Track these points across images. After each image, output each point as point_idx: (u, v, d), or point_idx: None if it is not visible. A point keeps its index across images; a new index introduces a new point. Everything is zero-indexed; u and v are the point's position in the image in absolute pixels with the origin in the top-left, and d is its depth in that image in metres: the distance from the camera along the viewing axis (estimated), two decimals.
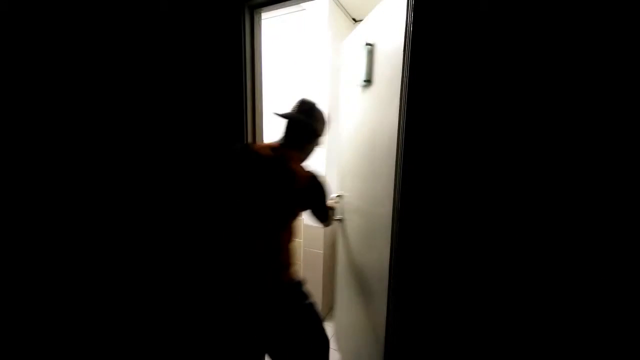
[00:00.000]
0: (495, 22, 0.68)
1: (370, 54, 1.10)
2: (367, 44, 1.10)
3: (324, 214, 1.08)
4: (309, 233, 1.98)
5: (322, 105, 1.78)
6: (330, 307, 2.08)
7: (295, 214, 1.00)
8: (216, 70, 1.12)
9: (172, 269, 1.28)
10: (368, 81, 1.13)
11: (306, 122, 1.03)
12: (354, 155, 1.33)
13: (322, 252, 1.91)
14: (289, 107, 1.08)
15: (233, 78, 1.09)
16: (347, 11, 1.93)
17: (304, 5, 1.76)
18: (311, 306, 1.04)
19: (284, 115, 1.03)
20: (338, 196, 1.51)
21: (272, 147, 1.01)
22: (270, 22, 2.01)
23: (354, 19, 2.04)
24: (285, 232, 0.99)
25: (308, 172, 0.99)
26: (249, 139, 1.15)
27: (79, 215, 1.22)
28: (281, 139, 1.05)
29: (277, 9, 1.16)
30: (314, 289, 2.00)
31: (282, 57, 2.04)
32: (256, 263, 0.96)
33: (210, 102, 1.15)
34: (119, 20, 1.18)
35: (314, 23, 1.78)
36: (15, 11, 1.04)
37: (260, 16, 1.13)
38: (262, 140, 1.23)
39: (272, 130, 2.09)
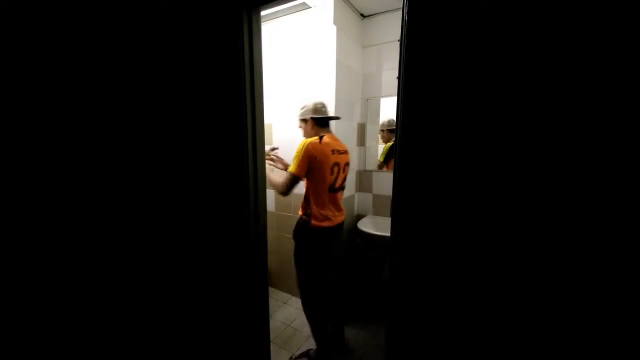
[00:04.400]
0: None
1: None
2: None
3: None
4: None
5: (330, 104, 1.78)
6: None
7: None
8: (214, 69, 1.11)
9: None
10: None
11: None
12: None
13: None
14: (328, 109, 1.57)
15: (232, 77, 1.07)
16: (354, 7, 1.88)
17: (309, 2, 1.74)
18: None
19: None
20: None
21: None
22: (276, 22, 2.00)
23: (362, 15, 1.98)
24: None
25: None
26: (249, 140, 1.13)
27: (77, 214, 1.26)
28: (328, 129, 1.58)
29: (275, 6, 1.14)
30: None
31: (289, 57, 2.03)
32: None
33: (209, 102, 1.14)
34: (118, 21, 1.21)
35: (319, 20, 1.75)
36: (15, 10, 1.07)
37: (259, 14, 1.11)
38: (264, 142, 1.21)
39: (279, 131, 2.12)
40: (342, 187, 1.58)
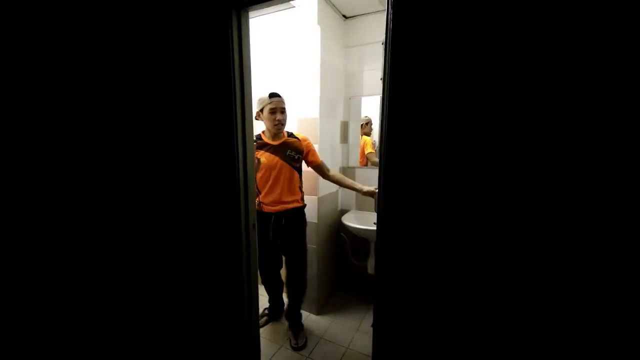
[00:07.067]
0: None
1: None
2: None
3: None
4: None
5: (314, 102, 1.82)
6: (325, 301, 2.10)
7: None
8: (203, 69, 1.12)
9: None
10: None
11: None
12: None
13: (315, 246, 1.93)
14: None
15: (221, 77, 1.09)
16: (337, 8, 1.94)
17: (293, 2, 1.77)
18: None
19: None
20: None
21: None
22: (260, 20, 2.02)
23: (344, 16, 2.04)
24: None
25: None
26: (239, 138, 1.15)
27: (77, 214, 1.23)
28: None
29: (265, 7, 1.17)
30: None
31: (273, 55, 2.05)
32: None
33: (199, 100, 1.15)
34: (114, 19, 1.19)
35: (303, 20, 1.79)
36: (15, 10, 1.04)
37: (247, 15, 1.14)
38: (253, 140, 1.23)
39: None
40: None
